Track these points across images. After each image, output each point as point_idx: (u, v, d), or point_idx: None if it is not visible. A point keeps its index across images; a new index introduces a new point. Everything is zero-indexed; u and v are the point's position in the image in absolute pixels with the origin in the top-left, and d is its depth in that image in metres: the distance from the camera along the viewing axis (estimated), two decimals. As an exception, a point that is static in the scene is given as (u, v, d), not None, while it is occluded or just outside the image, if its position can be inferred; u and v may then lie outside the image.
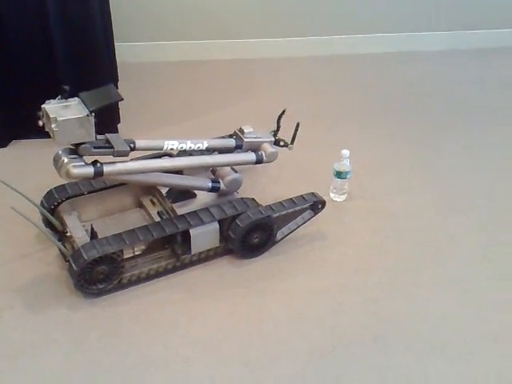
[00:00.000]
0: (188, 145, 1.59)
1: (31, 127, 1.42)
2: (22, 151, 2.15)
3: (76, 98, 1.39)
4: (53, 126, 1.32)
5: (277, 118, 1.79)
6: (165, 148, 1.56)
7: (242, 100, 2.63)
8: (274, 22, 3.03)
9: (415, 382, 1.36)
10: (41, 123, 1.37)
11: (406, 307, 1.56)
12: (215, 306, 1.54)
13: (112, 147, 1.44)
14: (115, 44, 2.36)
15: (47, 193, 1.67)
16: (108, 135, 1.46)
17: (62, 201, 1.65)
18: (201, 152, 1.70)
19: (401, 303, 1.58)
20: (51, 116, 1.32)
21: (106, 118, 1.86)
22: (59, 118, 1.32)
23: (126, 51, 2.69)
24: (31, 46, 2.02)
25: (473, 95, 2.80)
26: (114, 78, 2.36)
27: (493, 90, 2.87)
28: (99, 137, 1.43)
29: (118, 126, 2.25)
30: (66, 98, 1.38)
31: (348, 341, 1.45)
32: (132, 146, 1.48)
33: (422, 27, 3.22)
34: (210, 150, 1.70)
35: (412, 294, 1.61)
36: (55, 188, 1.67)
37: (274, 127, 1.80)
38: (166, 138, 1.57)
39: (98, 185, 1.69)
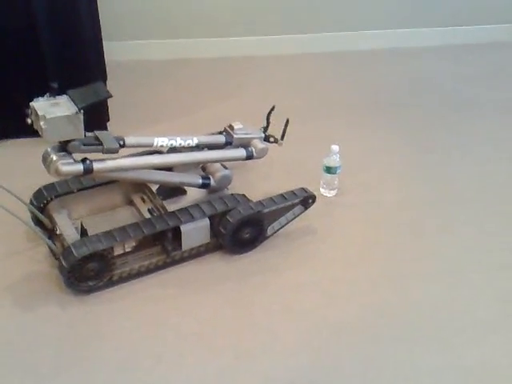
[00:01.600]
0: (178, 141, 1.59)
1: (19, 126, 1.42)
2: (10, 150, 2.13)
3: (64, 96, 1.39)
4: (41, 123, 1.31)
5: (266, 114, 1.79)
6: (155, 145, 1.56)
7: (230, 97, 2.63)
8: (261, 20, 3.03)
9: (408, 372, 1.37)
10: (29, 121, 1.36)
11: (397, 299, 1.57)
12: (207, 301, 1.54)
13: (101, 144, 1.43)
14: (103, 42, 2.35)
15: (36, 191, 1.66)
16: (97, 132, 1.45)
17: (52, 199, 1.64)
18: (190, 149, 1.70)
19: (393, 295, 1.59)
20: (40, 114, 1.31)
21: (96, 117, 1.86)
22: (48, 116, 1.31)
23: (114, 49, 2.68)
24: (19, 44, 2.01)
25: (463, 89, 2.82)
26: (102, 76, 2.34)
27: (483, 84, 2.89)
28: (88, 134, 1.43)
29: (108, 124, 2.25)
30: (55, 96, 1.37)
31: (341, 332, 1.46)
32: (121, 142, 1.48)
33: (411, 23, 3.25)
34: (199, 147, 1.69)
35: (404, 286, 1.62)
36: (44, 186, 1.66)
37: (264, 124, 1.80)
38: (155, 135, 1.57)
39: (88, 182, 1.69)
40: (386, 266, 1.69)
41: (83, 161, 1.42)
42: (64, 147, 1.40)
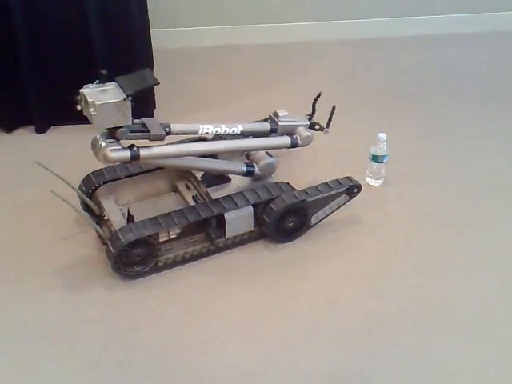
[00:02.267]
0: (223, 129, 1.59)
1: (69, 113, 1.45)
2: (61, 137, 2.19)
3: (113, 83, 1.41)
4: (91, 109, 1.34)
5: (312, 101, 1.77)
6: (200, 132, 1.56)
7: (276, 85, 2.61)
8: (308, 6, 2.99)
9: (452, 366, 1.34)
10: (79, 107, 1.39)
11: (444, 292, 1.54)
12: (250, 289, 1.54)
13: (148, 131, 1.45)
14: (150, 30, 2.37)
15: (85, 177, 1.70)
16: (144, 119, 1.47)
17: (100, 185, 1.68)
18: (235, 136, 1.70)
19: (439, 288, 1.55)
20: (89, 100, 1.33)
21: (142, 104, 1.87)
22: (97, 102, 1.34)
23: (161, 37, 2.70)
24: (68, 32, 2.05)
25: (502, 77, 2.71)
26: (149, 64, 2.37)
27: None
28: (135, 121, 1.45)
29: (154, 111, 2.27)
30: (104, 83, 1.40)
31: (384, 324, 1.44)
32: (167, 130, 1.49)
33: (465, 8, 3.12)
34: (244, 134, 1.69)
35: (451, 279, 1.58)
36: (93, 172, 1.70)
37: (309, 111, 1.78)
38: (200, 123, 1.58)
39: (134, 169, 1.71)
40: (432, 259, 1.65)
41: (130, 147, 1.44)
42: (112, 134, 1.43)
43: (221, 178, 1.71)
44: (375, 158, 1.91)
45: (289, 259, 1.64)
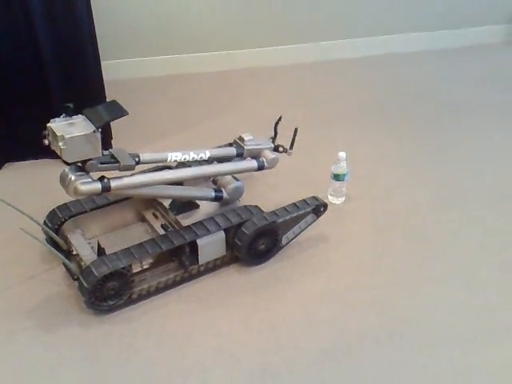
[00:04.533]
0: (191, 155, 1.60)
1: (24, 149, 1.41)
2: (17, 173, 2.11)
3: (80, 116, 1.39)
4: (60, 143, 1.32)
5: (274, 124, 1.81)
6: (169, 160, 1.57)
7: (233, 110, 2.65)
8: (258, 31, 3.06)
9: (431, 375, 1.38)
10: (46, 142, 1.36)
11: (413, 303, 1.59)
12: (227, 314, 1.54)
13: (118, 162, 1.44)
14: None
15: (50, 212, 1.66)
16: (112, 150, 1.46)
17: (66, 220, 1.64)
18: (200, 162, 1.71)
19: (408, 300, 1.60)
20: (58, 134, 1.32)
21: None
22: (66, 136, 1.32)
23: (110, 68, 2.68)
24: (22, 68, 2.01)
25: (463, 93, 2.87)
26: (102, 95, 2.35)
27: (480, 86, 2.95)
28: (104, 152, 1.43)
29: (112, 142, 2.25)
30: (70, 116, 1.38)
31: (361, 339, 1.47)
32: (137, 159, 1.49)
33: (404, 28, 3.31)
34: (211, 160, 1.70)
35: (418, 291, 1.64)
36: (58, 207, 1.66)
37: (271, 134, 1.82)
38: (168, 150, 1.58)
39: (100, 201, 1.69)
40: (399, 271, 1.71)
41: (101, 179, 1.42)
42: (81, 167, 1.41)
43: (189, 205, 1.71)
44: (336, 177, 1.96)
45: (262, 282, 1.66)
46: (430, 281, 1.67)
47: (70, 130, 1.34)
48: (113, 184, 1.43)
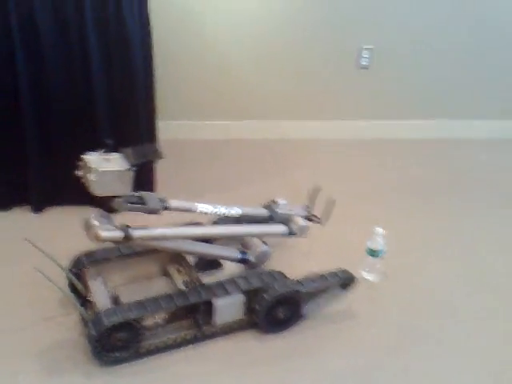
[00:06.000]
0: (221, 210, 1.58)
1: (65, 195, 1.43)
2: (56, 217, 2.17)
3: (117, 154, 1.42)
4: (92, 176, 1.33)
5: (311, 194, 1.78)
6: (197, 210, 1.55)
7: (275, 177, 2.67)
8: (304, 105, 3.14)
9: None
10: (79, 173, 1.38)
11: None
12: (236, 383, 1.46)
13: (145, 204, 1.44)
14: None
15: (75, 257, 1.67)
16: (142, 192, 1.46)
17: (89, 266, 1.64)
18: (231, 222, 1.69)
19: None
20: (92, 166, 1.34)
21: (143, 185, 1.88)
22: (99, 169, 1.34)
23: (164, 128, 2.77)
24: (74, 113, 2.08)
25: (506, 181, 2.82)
26: (153, 139, 2.39)
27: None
28: (133, 193, 1.44)
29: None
30: (108, 152, 1.41)
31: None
32: (165, 204, 1.48)
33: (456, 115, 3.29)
34: (241, 219, 1.68)
35: (446, 376, 1.51)
36: (83, 253, 1.67)
37: (307, 202, 1.78)
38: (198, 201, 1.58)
39: (126, 251, 1.68)
40: (425, 356, 1.58)
41: (123, 228, 1.42)
42: (106, 213, 1.41)
43: (213, 263, 1.67)
44: (372, 252, 1.88)
45: (280, 352, 1.57)
46: (459, 365, 1.54)
47: (104, 164, 1.36)
48: (135, 233, 1.42)
